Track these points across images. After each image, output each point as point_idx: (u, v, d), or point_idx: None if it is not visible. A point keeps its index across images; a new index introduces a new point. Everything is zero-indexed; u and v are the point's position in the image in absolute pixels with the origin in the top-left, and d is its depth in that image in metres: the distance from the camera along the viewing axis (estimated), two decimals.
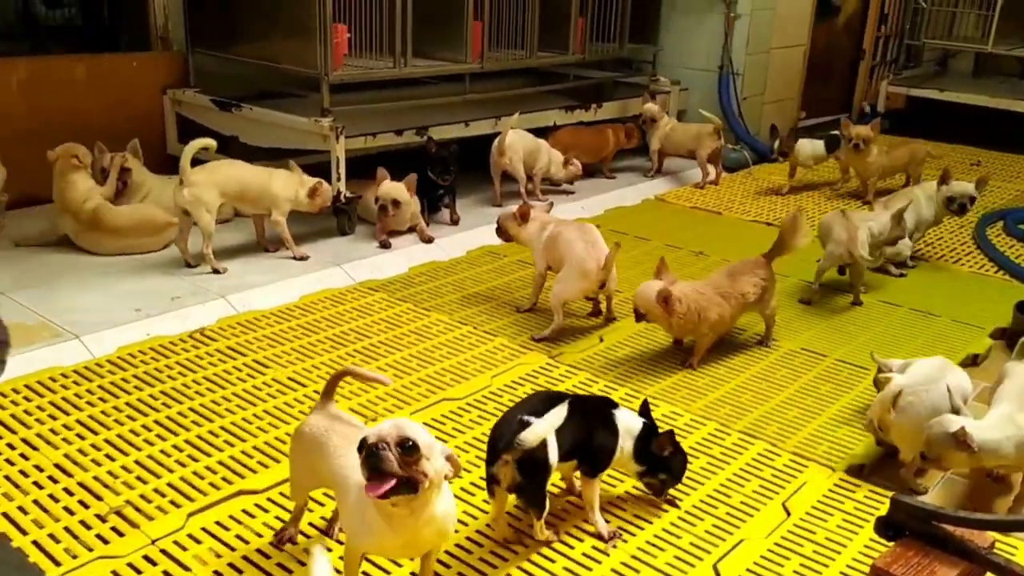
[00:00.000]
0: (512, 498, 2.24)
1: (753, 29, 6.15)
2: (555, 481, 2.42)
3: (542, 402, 2.17)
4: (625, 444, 2.33)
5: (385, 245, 4.26)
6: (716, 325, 3.24)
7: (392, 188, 4.16)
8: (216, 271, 3.80)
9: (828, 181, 5.81)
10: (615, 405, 2.39)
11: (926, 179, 4.84)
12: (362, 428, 2.02)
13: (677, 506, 2.45)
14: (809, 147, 5.59)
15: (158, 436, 2.64)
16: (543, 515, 2.20)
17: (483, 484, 2.30)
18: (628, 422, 2.36)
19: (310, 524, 2.29)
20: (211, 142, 3.84)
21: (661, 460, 2.37)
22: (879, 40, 7.84)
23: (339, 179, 4.26)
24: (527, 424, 2.06)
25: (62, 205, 3.96)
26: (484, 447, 2.27)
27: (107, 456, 2.53)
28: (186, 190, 3.72)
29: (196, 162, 3.79)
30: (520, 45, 5.20)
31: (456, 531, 2.18)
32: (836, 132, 5.57)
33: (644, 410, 2.44)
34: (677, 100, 6.21)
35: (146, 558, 2.15)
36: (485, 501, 2.36)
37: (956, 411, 2.43)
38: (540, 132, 5.22)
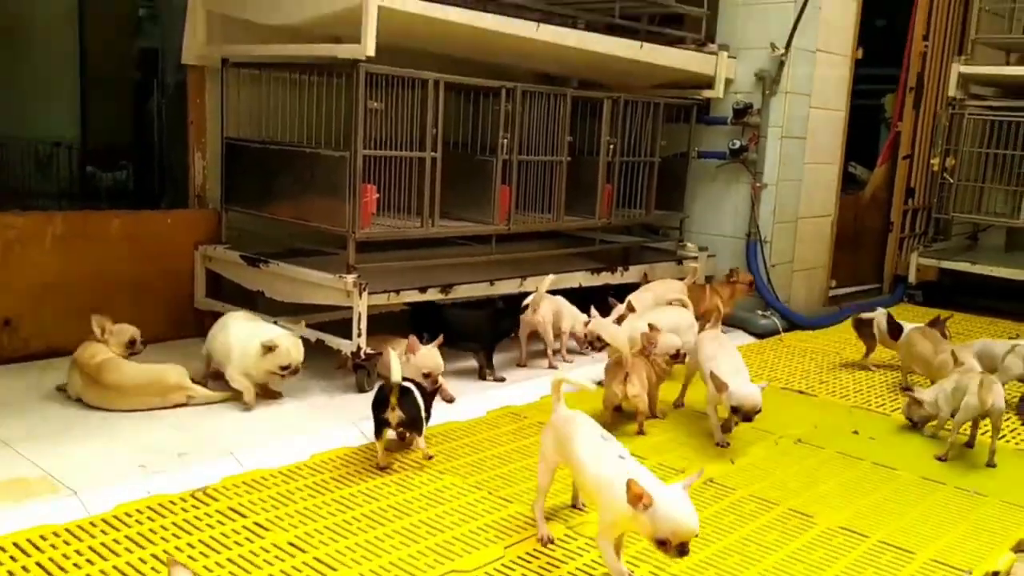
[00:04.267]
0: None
1: (780, 198, 6.22)
2: None
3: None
4: None
5: None
6: None
7: (438, 358, 3.99)
8: None
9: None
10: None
11: None
12: None
13: None
14: None
15: None
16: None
17: None
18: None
19: None
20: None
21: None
22: (907, 213, 7.89)
23: (359, 335, 4.22)
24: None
25: (74, 357, 3.94)
26: None
27: None
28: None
29: None
30: (547, 209, 5.27)
31: None
32: None
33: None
34: (705, 266, 6.20)
35: None
36: None
37: None
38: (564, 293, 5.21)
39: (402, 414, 3.40)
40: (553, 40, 4.99)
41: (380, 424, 3.45)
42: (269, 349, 3.90)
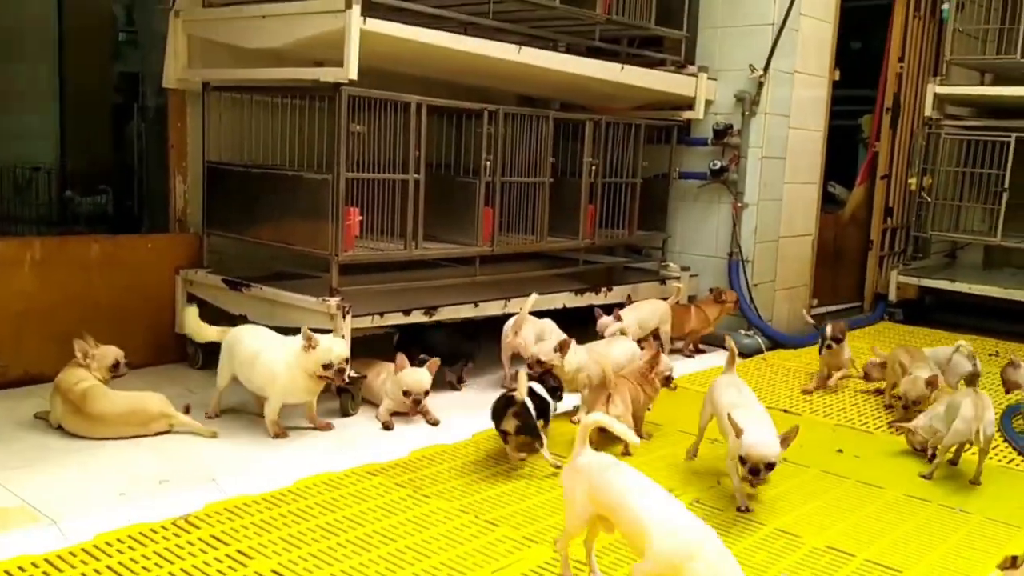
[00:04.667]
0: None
1: (761, 218, 6.26)
2: None
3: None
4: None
5: (388, 427, 4.13)
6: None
7: (423, 378, 4.03)
8: None
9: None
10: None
11: None
12: None
13: None
14: None
15: None
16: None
17: None
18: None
19: None
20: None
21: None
22: (886, 232, 7.96)
23: None
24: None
25: (56, 383, 3.89)
26: None
27: None
28: None
29: None
30: (530, 230, 5.28)
31: None
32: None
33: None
34: (688, 286, 6.22)
35: None
36: None
37: None
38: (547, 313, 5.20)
39: (517, 421, 3.61)
40: (535, 63, 5.02)
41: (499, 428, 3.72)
42: (309, 344, 3.77)
